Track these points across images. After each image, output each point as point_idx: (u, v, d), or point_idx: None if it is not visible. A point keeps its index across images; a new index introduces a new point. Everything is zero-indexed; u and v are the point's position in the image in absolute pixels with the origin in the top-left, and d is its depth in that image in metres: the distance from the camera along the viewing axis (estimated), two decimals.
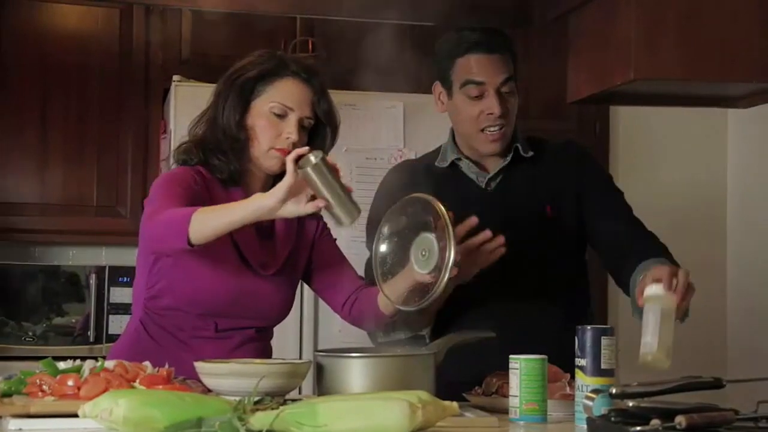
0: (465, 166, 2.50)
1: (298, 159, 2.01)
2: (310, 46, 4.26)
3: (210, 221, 2.01)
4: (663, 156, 4.78)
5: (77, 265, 4.19)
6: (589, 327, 1.87)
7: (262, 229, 2.29)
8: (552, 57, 4.23)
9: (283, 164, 2.17)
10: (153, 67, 4.20)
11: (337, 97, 4.01)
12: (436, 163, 2.52)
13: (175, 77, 3.89)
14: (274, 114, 2.25)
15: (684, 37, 2.37)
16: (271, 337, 2.41)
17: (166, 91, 4.04)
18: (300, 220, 2.34)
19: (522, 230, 2.43)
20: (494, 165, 2.49)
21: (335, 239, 2.43)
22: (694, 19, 2.38)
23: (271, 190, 2.01)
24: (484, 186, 2.49)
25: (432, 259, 2.05)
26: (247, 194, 2.23)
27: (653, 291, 2.03)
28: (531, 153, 2.49)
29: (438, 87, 2.50)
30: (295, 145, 2.23)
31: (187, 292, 2.22)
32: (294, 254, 2.34)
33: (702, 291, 4.90)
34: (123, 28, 4.21)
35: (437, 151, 2.57)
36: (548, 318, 2.40)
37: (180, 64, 4.18)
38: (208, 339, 2.25)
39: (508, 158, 2.48)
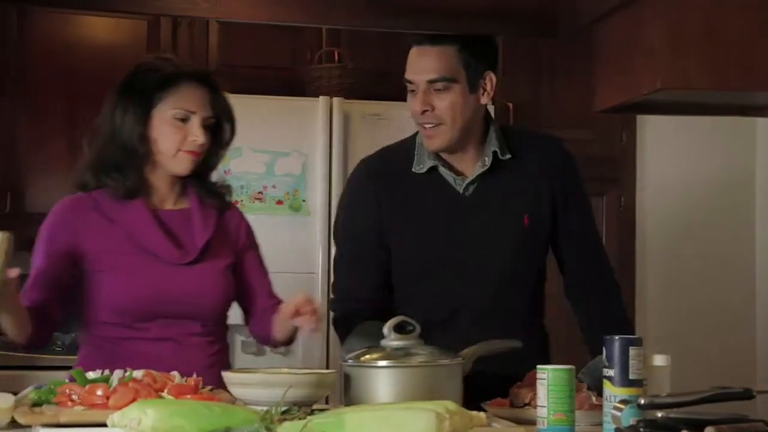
0: (443, 171, 2.46)
1: None
2: (336, 57, 4.27)
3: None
4: (689, 164, 4.75)
5: None
6: (617, 337, 1.86)
7: (169, 226, 2.32)
8: (578, 66, 4.23)
9: (194, 166, 2.30)
10: None
11: (362, 107, 4.07)
12: (413, 169, 2.46)
13: None
14: (177, 119, 2.30)
15: (710, 47, 2.36)
16: (226, 330, 2.41)
17: None
18: (220, 214, 2.38)
19: (497, 237, 2.44)
20: (471, 170, 2.45)
21: (259, 254, 2.47)
22: (720, 28, 2.37)
23: None
24: (461, 191, 2.45)
25: None
26: (147, 204, 2.32)
27: None
28: (509, 155, 2.45)
29: None
30: (201, 146, 2.30)
31: (112, 304, 2.26)
32: (213, 244, 2.35)
33: (730, 295, 4.86)
34: (150, 39, 4.24)
35: (411, 146, 2.49)
36: (507, 327, 2.39)
37: None
38: (152, 341, 2.26)
39: (487, 163, 2.44)
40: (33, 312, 2.18)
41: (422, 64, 2.39)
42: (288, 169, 3.92)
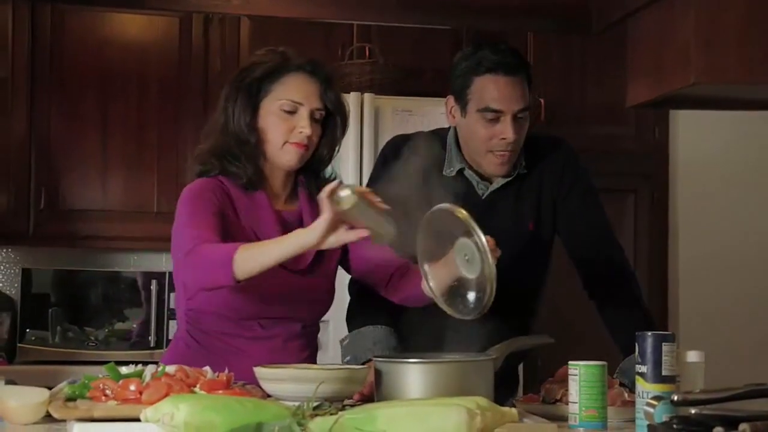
0: (468, 174, 2.51)
1: (332, 192, 1.96)
2: (367, 53, 4.28)
3: (253, 260, 2.03)
4: (722, 159, 4.71)
5: (138, 270, 4.25)
6: (649, 333, 1.85)
7: (288, 227, 2.28)
8: (610, 61, 4.21)
9: (301, 159, 2.27)
10: (211, 75, 4.24)
11: (393, 102, 4.06)
12: (444, 172, 2.50)
13: None
14: (284, 111, 2.28)
15: (745, 40, 2.34)
16: (318, 332, 2.42)
17: None
18: None
19: (503, 243, 2.44)
20: (497, 179, 2.51)
21: None
22: (754, 21, 2.35)
23: (312, 226, 2.00)
24: (481, 195, 2.50)
25: (475, 264, 2.01)
26: (269, 196, 2.30)
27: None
28: (525, 171, 2.52)
29: (451, 101, 2.50)
30: (309, 138, 2.27)
31: (225, 298, 2.22)
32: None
33: (765, 290, 4.79)
34: (182, 36, 4.27)
35: (443, 145, 2.52)
36: (501, 331, 2.39)
37: None
38: (253, 339, 2.27)
39: (514, 175, 2.50)
40: None
41: (513, 95, 2.41)
42: None
